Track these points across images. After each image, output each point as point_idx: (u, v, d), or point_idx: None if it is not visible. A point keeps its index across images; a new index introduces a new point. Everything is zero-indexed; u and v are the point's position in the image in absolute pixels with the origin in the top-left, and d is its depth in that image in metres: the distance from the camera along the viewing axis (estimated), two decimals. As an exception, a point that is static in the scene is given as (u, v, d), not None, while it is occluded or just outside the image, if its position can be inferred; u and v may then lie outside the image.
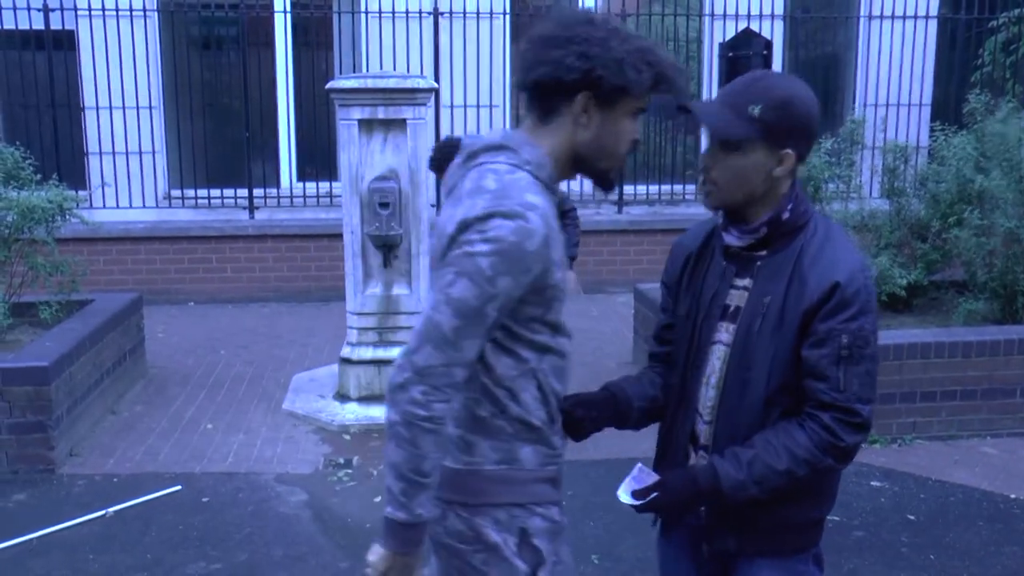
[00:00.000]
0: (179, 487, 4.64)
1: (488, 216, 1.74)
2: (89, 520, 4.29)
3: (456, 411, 1.89)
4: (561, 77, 1.81)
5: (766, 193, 1.99)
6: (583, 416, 2.06)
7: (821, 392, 1.92)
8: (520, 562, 1.92)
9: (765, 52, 6.11)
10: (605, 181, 1.98)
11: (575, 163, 1.92)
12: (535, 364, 1.89)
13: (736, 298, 2.03)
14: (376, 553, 1.85)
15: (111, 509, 4.38)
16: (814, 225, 2.01)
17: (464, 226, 1.75)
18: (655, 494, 1.98)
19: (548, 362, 1.92)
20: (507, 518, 1.91)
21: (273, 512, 4.40)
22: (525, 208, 1.75)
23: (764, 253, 2.02)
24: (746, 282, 2.02)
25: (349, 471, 4.86)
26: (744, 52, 6.15)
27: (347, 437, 5.32)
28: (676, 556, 2.22)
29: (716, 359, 2.04)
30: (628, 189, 9.19)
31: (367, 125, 5.49)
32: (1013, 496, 4.55)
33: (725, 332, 2.03)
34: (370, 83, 5.40)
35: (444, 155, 4.57)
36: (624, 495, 2.01)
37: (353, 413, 5.53)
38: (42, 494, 4.58)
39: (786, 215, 2.00)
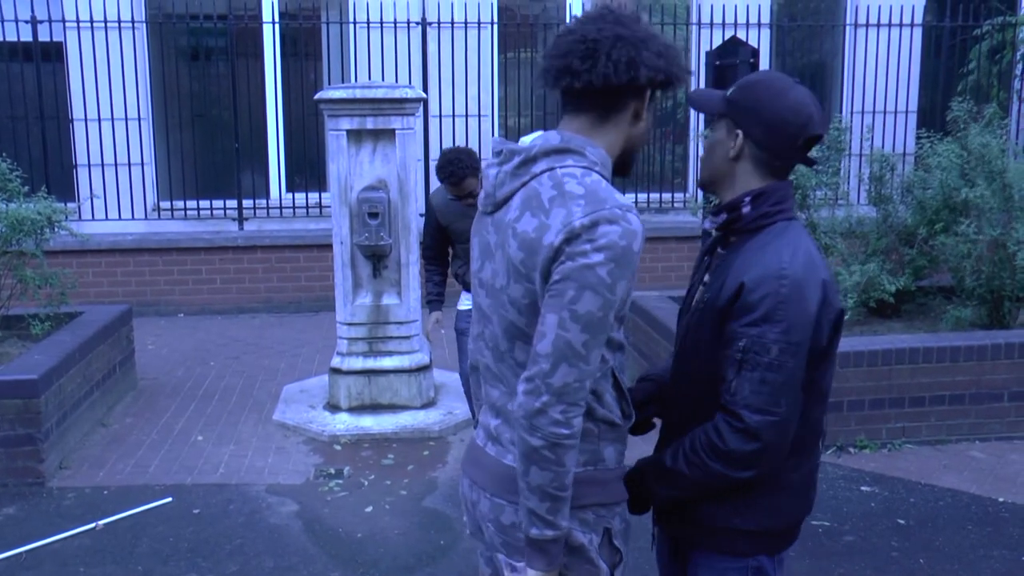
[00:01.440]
0: (170, 499, 4.63)
1: (594, 224, 1.74)
2: (79, 533, 4.28)
3: None
4: (637, 77, 1.81)
5: (727, 175, 2.05)
6: (653, 413, 2.20)
7: (720, 392, 1.97)
8: (602, 562, 1.95)
9: (752, 60, 6.14)
10: (630, 168, 2.01)
11: (621, 158, 1.95)
12: (613, 363, 1.92)
13: (700, 293, 2.11)
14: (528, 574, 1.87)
15: (101, 522, 4.37)
16: (778, 229, 2.01)
17: (572, 236, 1.74)
18: None
19: (619, 359, 1.95)
20: (593, 519, 1.93)
21: (264, 523, 4.39)
22: (623, 210, 1.78)
23: (723, 251, 2.08)
24: (707, 277, 2.10)
25: (340, 481, 4.85)
26: (731, 60, 6.18)
27: (338, 447, 5.31)
28: (665, 563, 2.33)
29: None
30: (617, 197, 9.21)
31: (356, 135, 5.50)
32: (1001, 500, 4.57)
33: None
34: (359, 93, 5.41)
35: (449, 162, 4.57)
36: None
37: (344, 423, 5.53)
38: (32, 507, 4.56)
39: (746, 209, 2.02)
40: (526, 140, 1.93)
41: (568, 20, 8.97)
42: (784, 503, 2.06)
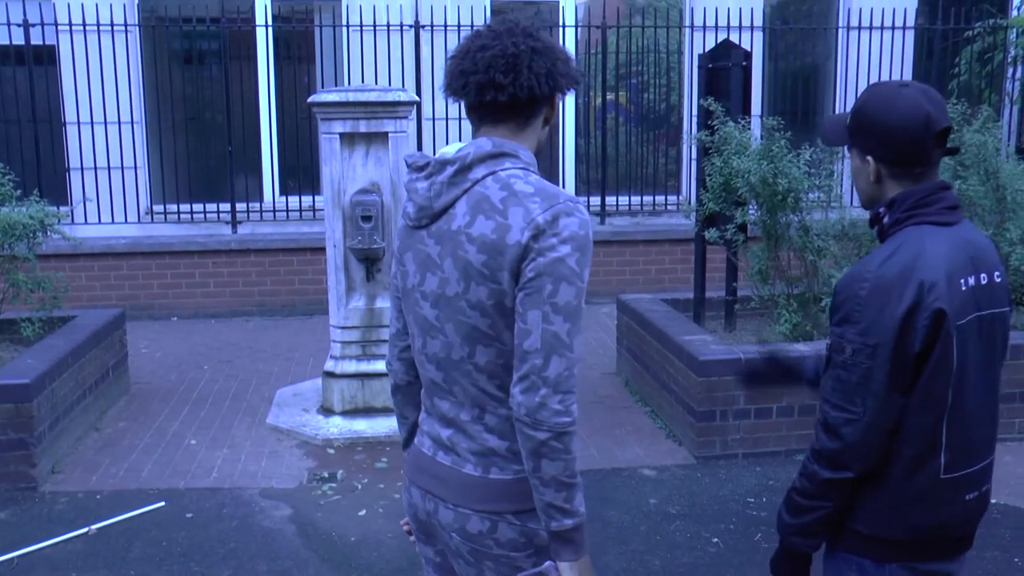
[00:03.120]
0: (163, 503, 4.62)
1: (555, 218, 1.83)
2: (72, 537, 4.27)
3: (501, 426, 1.95)
4: (557, 86, 1.93)
5: (878, 195, 2.11)
6: None
7: None
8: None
9: (744, 63, 6.14)
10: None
11: None
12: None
13: None
14: (563, 571, 1.91)
15: (94, 526, 4.36)
16: (902, 234, 2.05)
17: (537, 233, 1.82)
18: None
19: None
20: None
21: (257, 527, 4.38)
22: (574, 202, 1.88)
23: None
24: None
25: (333, 485, 4.85)
26: (723, 63, 6.18)
27: (331, 451, 5.31)
28: None
29: None
30: (611, 200, 9.23)
31: (349, 139, 5.50)
32: (993, 501, 4.58)
33: None
34: (351, 97, 5.41)
35: None
36: None
37: (337, 427, 5.52)
38: (24, 512, 4.55)
39: (886, 219, 2.10)
40: (447, 151, 1.95)
41: (559, 21, 8.98)
42: (890, 512, 2.05)
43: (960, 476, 2.05)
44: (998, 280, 2.08)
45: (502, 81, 1.87)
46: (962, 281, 2.00)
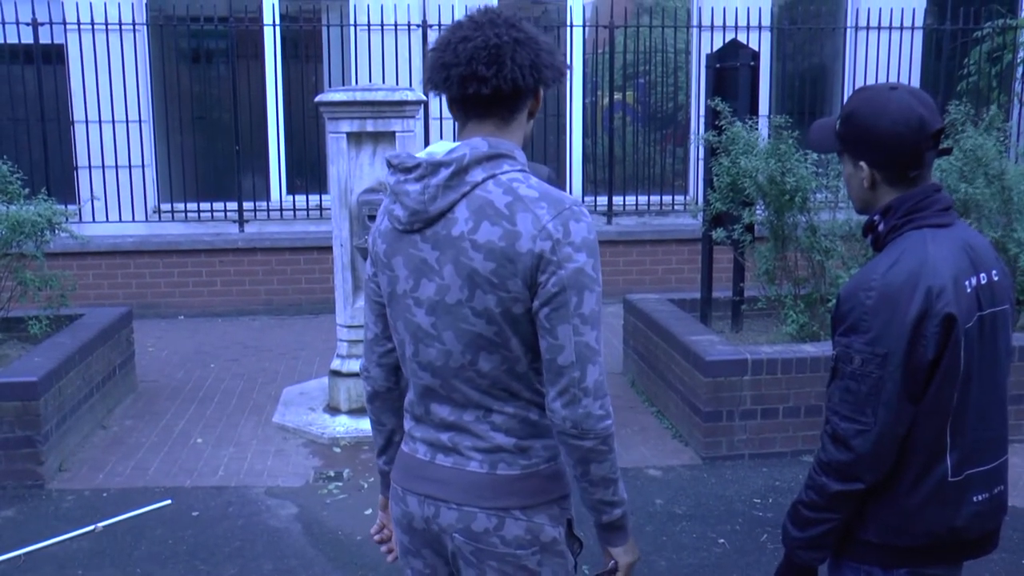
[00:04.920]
0: (169, 501, 4.63)
1: (566, 226, 1.82)
2: (78, 535, 4.28)
3: (508, 423, 1.94)
4: (542, 78, 1.88)
5: (873, 201, 2.08)
6: None
7: None
8: (569, 553, 2.03)
9: (752, 64, 6.13)
10: None
11: None
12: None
13: None
14: (617, 556, 2.01)
15: (100, 524, 4.37)
16: (901, 241, 2.01)
17: (553, 244, 1.80)
18: None
19: None
20: (559, 512, 2.01)
21: (263, 526, 4.39)
22: (578, 205, 1.87)
23: None
24: None
25: (340, 484, 4.85)
26: (731, 63, 6.16)
27: (337, 450, 5.31)
28: None
29: None
30: (617, 200, 9.22)
31: (356, 138, 5.51)
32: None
33: None
34: (359, 96, 5.42)
35: None
36: None
37: (343, 426, 5.52)
38: (31, 510, 4.56)
39: (881, 226, 2.07)
40: (437, 152, 1.88)
41: (567, 21, 8.98)
42: (900, 519, 2.02)
43: (967, 478, 2.02)
44: (996, 279, 2.05)
45: (485, 73, 1.81)
46: (966, 283, 1.98)
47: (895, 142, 1.98)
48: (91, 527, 4.35)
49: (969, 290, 1.98)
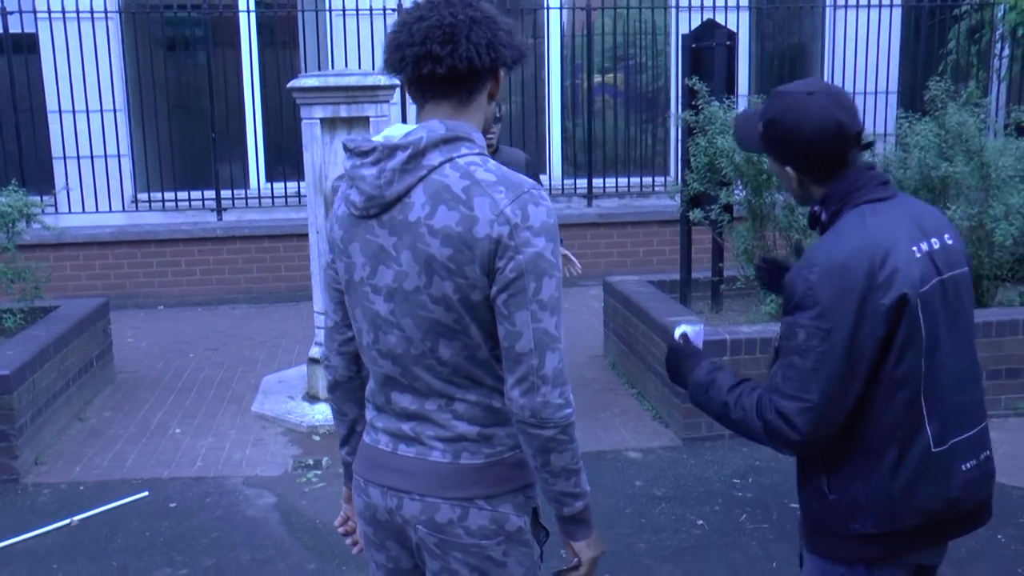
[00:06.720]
0: (146, 493, 4.60)
1: (524, 210, 1.79)
2: (54, 529, 4.25)
3: (471, 412, 1.91)
4: (499, 58, 1.84)
5: (808, 195, 2.13)
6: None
7: None
8: (535, 542, 2.00)
9: (728, 43, 6.10)
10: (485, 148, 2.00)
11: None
12: None
13: None
14: (580, 550, 1.97)
15: (76, 517, 4.34)
16: (840, 222, 2.04)
17: (511, 228, 1.77)
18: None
19: None
20: (524, 501, 1.98)
21: (241, 516, 4.37)
22: (537, 189, 1.84)
23: None
24: None
25: (318, 472, 4.83)
26: (707, 43, 6.13)
27: (316, 438, 5.29)
28: None
29: None
30: (598, 182, 9.19)
31: (330, 124, 5.46)
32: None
33: None
34: (331, 81, 5.37)
35: None
36: (680, 329, 2.32)
37: (322, 414, 5.49)
38: (5, 504, 4.52)
39: (823, 216, 2.10)
40: (394, 135, 1.85)
41: (544, 3, 8.91)
42: (893, 503, 1.99)
43: (952, 446, 2.00)
44: (950, 242, 2.05)
45: (439, 53, 1.78)
46: (915, 249, 1.97)
47: (817, 150, 2.03)
48: (67, 521, 4.31)
49: (919, 255, 1.97)
